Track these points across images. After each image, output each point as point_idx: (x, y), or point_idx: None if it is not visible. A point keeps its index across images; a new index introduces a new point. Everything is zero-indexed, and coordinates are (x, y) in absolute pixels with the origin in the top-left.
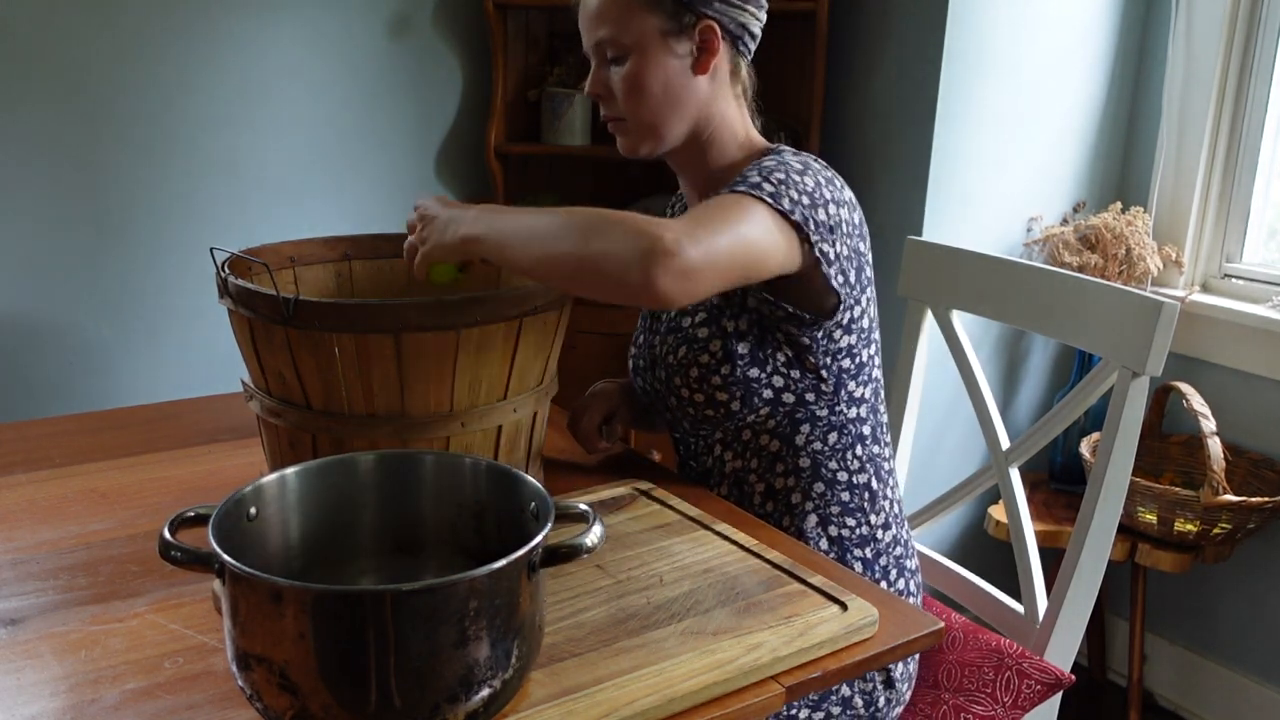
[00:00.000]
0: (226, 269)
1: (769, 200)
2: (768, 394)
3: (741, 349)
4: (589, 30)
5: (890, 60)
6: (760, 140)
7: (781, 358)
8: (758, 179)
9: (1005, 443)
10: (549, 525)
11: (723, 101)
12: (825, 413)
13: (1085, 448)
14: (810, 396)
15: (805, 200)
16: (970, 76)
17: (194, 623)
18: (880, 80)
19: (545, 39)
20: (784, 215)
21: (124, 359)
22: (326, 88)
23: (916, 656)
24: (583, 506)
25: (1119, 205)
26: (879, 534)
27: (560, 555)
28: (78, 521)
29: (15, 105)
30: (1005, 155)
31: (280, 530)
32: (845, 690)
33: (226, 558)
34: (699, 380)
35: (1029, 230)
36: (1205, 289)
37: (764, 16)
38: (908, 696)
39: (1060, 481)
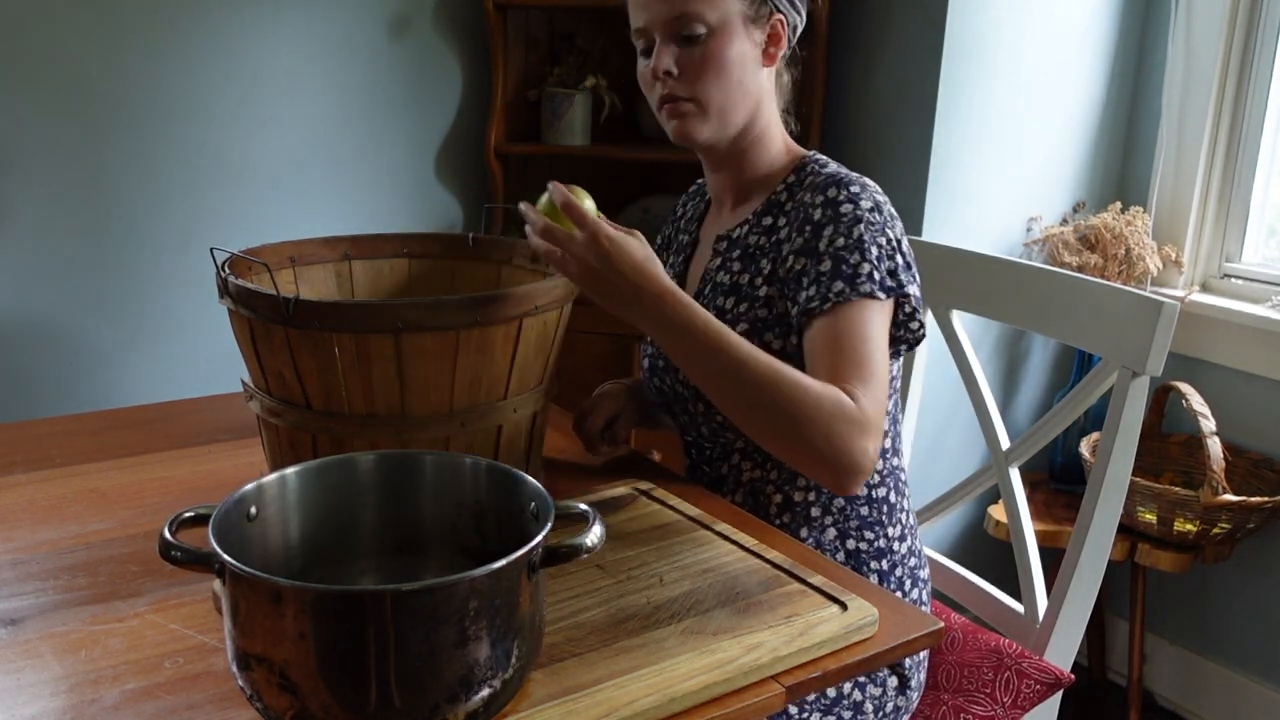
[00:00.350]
0: (226, 269)
1: (881, 295)
2: None
3: None
4: (664, 3)
5: (890, 60)
6: (795, 146)
7: None
8: (866, 266)
9: (1005, 443)
10: (549, 525)
11: (771, 100)
12: None
13: (1085, 448)
14: None
15: (893, 261)
16: (970, 76)
17: (194, 623)
18: (880, 80)
19: (545, 39)
20: (889, 293)
21: (124, 359)
22: (326, 88)
23: (926, 665)
24: (583, 506)
25: (1119, 205)
26: (895, 545)
27: (560, 555)
28: (78, 521)
29: (16, 106)
30: (1005, 155)
31: (280, 530)
32: (857, 695)
33: (226, 558)
34: None
35: (1029, 230)
36: (1205, 289)
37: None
38: (916, 704)
39: (1060, 481)
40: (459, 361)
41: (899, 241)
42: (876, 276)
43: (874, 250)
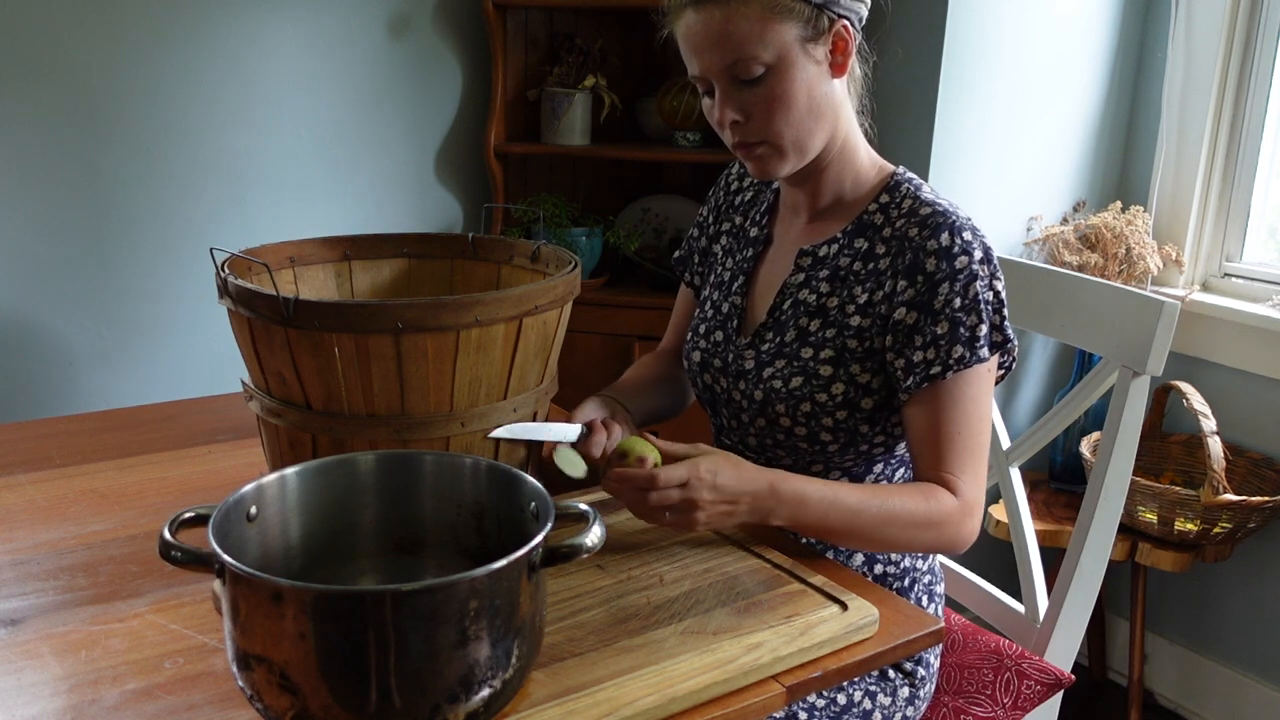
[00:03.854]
0: (226, 269)
1: (992, 354)
2: (865, 447)
3: (866, 404)
4: (715, 52)
5: (890, 60)
6: (879, 159)
7: (896, 419)
8: (983, 327)
9: (1005, 443)
10: (549, 525)
11: (847, 110)
12: (902, 448)
13: (1085, 447)
14: (900, 448)
15: (999, 314)
16: (970, 76)
17: (194, 623)
18: (880, 80)
19: (545, 39)
20: (996, 348)
21: (124, 359)
22: (326, 88)
23: (937, 676)
24: (583, 506)
25: (1119, 205)
26: (917, 564)
27: (560, 555)
28: (78, 521)
29: (15, 106)
30: (1005, 155)
31: (280, 530)
32: (867, 704)
33: (226, 558)
34: (809, 416)
35: (1029, 230)
36: (1205, 288)
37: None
38: (922, 712)
39: (1060, 481)
40: (459, 361)
41: (1002, 289)
42: (990, 336)
43: (988, 309)
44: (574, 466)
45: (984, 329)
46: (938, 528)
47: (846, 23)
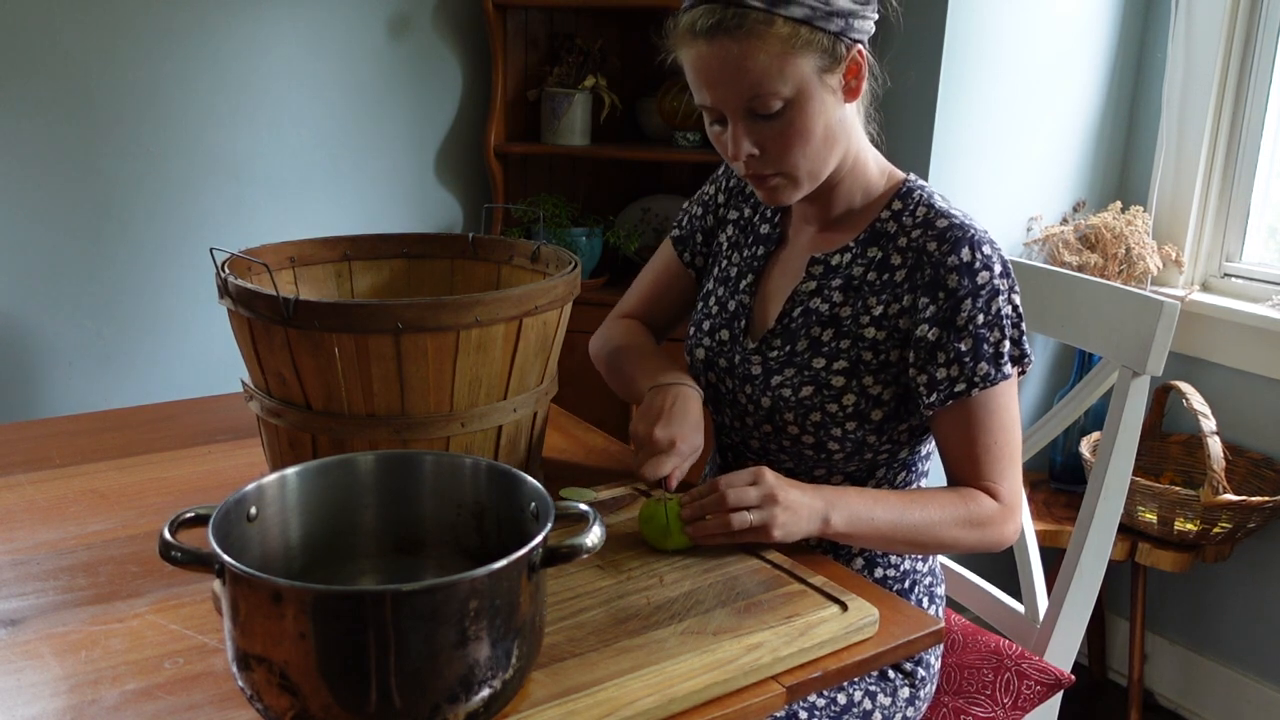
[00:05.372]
0: (226, 269)
1: (1011, 373)
2: (869, 455)
3: (876, 415)
4: (731, 86)
5: (890, 60)
6: (888, 166)
7: (904, 427)
8: (1006, 343)
9: None
10: (549, 525)
11: (858, 129)
12: (905, 454)
13: (1085, 447)
14: (903, 454)
15: (1018, 329)
16: (970, 76)
17: (194, 623)
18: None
19: (545, 39)
20: (1016, 361)
21: (123, 360)
22: (326, 88)
23: (938, 676)
24: (583, 506)
25: (1119, 205)
26: (918, 566)
27: (560, 555)
28: (78, 522)
29: (15, 105)
30: (1005, 155)
31: (280, 530)
32: (867, 704)
33: (226, 558)
34: (818, 425)
35: (1029, 230)
36: (1205, 288)
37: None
38: (922, 713)
39: (1060, 481)
40: (459, 361)
41: (1019, 302)
42: (1012, 351)
43: (1008, 324)
44: (582, 496)
45: (1006, 344)
46: (981, 529)
47: (860, 47)
